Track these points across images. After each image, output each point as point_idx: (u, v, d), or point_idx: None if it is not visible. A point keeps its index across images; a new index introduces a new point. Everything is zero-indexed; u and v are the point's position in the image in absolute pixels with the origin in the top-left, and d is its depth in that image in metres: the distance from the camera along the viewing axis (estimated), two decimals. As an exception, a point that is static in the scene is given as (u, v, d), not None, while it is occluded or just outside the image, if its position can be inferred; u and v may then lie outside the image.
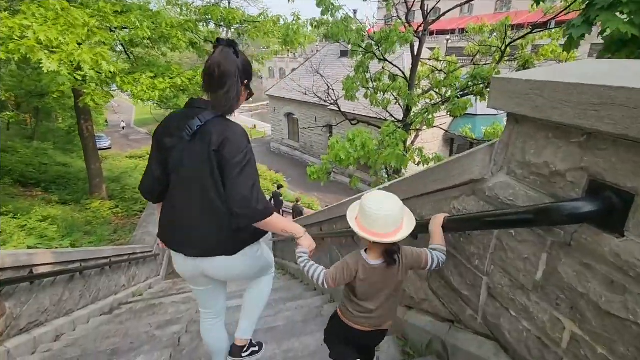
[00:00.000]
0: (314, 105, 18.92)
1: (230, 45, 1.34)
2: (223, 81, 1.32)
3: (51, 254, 3.29)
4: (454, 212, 1.35)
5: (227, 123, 1.36)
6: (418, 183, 1.55)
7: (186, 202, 1.40)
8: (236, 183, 1.28)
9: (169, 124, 1.41)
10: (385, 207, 1.18)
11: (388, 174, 5.97)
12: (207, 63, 1.34)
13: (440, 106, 5.67)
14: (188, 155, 1.35)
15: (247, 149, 1.33)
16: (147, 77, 7.02)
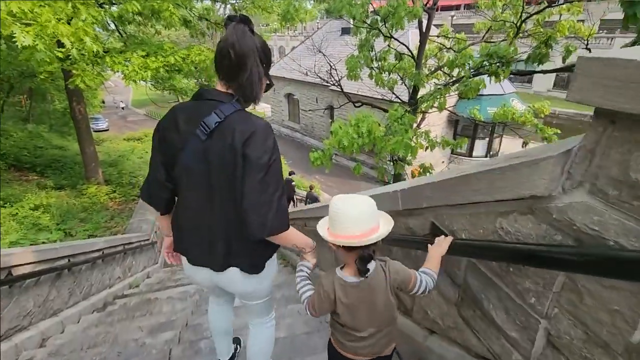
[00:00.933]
0: (315, 85, 18.38)
1: (244, 22, 1.12)
2: (243, 63, 1.12)
3: (33, 252, 3.04)
4: (500, 233, 1.06)
5: (251, 117, 1.15)
6: (448, 190, 1.26)
7: (206, 209, 1.21)
8: (257, 188, 1.08)
9: (175, 119, 1.18)
10: (354, 205, 1.05)
11: (393, 161, 5.66)
12: (219, 45, 1.13)
13: (450, 87, 5.30)
14: (204, 156, 1.14)
15: (274, 148, 1.14)
16: (139, 56, 6.62)
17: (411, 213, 1.60)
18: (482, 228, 1.14)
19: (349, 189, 15.55)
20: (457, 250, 1.19)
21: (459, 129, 16.60)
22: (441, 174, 1.48)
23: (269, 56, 1.23)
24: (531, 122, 7.46)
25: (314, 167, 5.47)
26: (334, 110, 17.63)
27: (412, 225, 1.61)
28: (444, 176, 1.34)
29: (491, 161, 1.16)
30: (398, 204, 1.64)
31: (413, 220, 1.60)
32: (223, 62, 1.14)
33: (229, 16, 1.15)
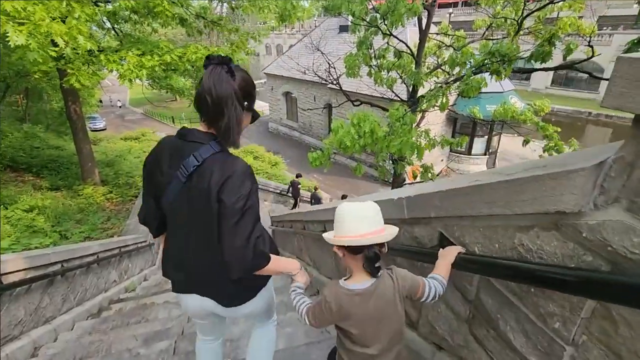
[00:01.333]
0: (313, 83, 18.26)
1: (222, 63, 1.13)
2: (220, 109, 1.13)
3: (23, 259, 2.94)
4: (519, 250, 0.97)
5: (228, 160, 1.16)
6: (459, 200, 1.17)
7: (190, 245, 1.26)
8: (231, 232, 1.10)
9: (159, 158, 1.23)
10: (359, 207, 1.07)
11: (394, 161, 5.57)
12: (197, 90, 1.16)
13: (451, 86, 5.20)
14: (184, 197, 1.19)
15: (250, 192, 1.13)
16: (134, 54, 6.50)
17: (417, 222, 1.51)
18: (498, 243, 1.05)
19: (349, 187, 15.46)
20: (469, 267, 1.10)
21: (458, 126, 16.54)
22: (451, 181, 1.39)
23: (251, 92, 1.24)
24: (532, 121, 7.38)
25: (313, 167, 5.37)
26: (332, 109, 17.52)
27: (419, 234, 1.52)
28: (454, 184, 1.25)
29: (507, 169, 1.07)
30: (403, 212, 1.55)
31: (419, 229, 1.51)
32: (202, 108, 1.16)
33: (208, 56, 1.15)
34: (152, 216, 1.31)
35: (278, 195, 10.66)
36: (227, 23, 8.93)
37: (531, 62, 4.73)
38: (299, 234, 4.25)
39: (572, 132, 20.23)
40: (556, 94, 27.40)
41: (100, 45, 7.90)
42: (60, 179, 10.46)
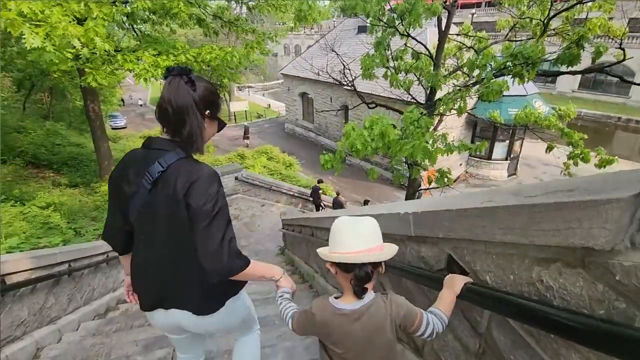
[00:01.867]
0: (330, 84, 18.15)
1: (181, 74, 1.15)
2: (181, 119, 1.15)
3: (29, 259, 2.94)
4: (538, 287, 0.83)
5: (193, 165, 1.16)
6: (470, 222, 1.03)
7: (156, 257, 1.23)
8: (204, 236, 1.09)
9: (126, 167, 1.22)
10: (355, 222, 1.02)
11: (409, 165, 5.39)
12: (158, 102, 1.18)
13: (470, 89, 4.99)
14: (151, 206, 1.17)
15: (217, 194, 1.13)
16: (150, 54, 6.56)
17: (424, 240, 1.38)
18: (514, 274, 0.91)
19: (363, 190, 15.28)
20: (477, 300, 0.96)
21: (478, 130, 16.10)
22: (462, 198, 1.25)
23: (214, 100, 1.24)
24: (556, 126, 7.05)
25: (324, 170, 5.26)
26: (349, 111, 17.37)
27: (425, 254, 1.38)
28: (465, 202, 1.11)
29: (526, 189, 0.93)
30: (409, 229, 1.42)
31: (426, 249, 1.37)
32: (163, 119, 1.17)
33: (168, 67, 1.17)
34: (118, 231, 1.29)
35: (291, 197, 10.60)
36: (243, 24, 8.94)
37: (557, 65, 4.48)
38: (307, 239, 4.15)
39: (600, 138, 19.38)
40: (583, 97, 26.42)
41: (119, 45, 8.04)
42: (79, 176, 10.72)
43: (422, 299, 1.48)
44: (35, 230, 5.74)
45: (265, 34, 8.96)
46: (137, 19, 8.97)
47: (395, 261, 1.56)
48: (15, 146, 11.18)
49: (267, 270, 1.30)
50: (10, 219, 5.66)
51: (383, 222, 1.71)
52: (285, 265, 5.87)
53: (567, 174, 7.38)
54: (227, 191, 9.58)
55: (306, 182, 12.59)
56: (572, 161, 7.14)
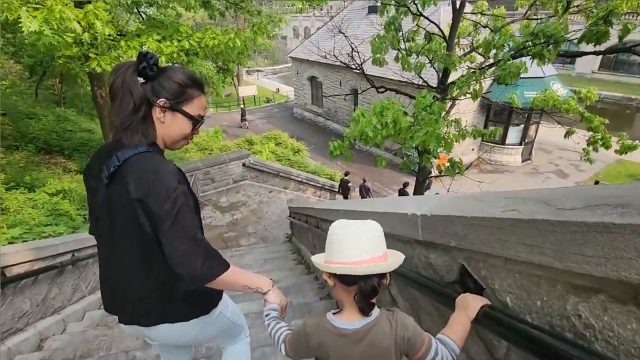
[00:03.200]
0: (339, 68, 17.72)
1: (141, 61, 1.04)
2: (113, 95, 1.06)
3: (29, 251, 2.90)
4: (573, 321, 0.68)
5: (148, 161, 1.04)
6: (488, 233, 0.88)
7: (114, 258, 1.13)
8: (170, 238, 0.97)
9: (93, 161, 1.15)
10: (355, 227, 0.88)
11: (419, 153, 5.18)
12: None
13: (485, 71, 4.71)
14: (107, 203, 1.07)
15: (176, 192, 0.99)
16: (154, 40, 6.39)
17: (434, 246, 1.23)
18: (541, 300, 0.76)
19: (372, 176, 15.07)
20: (496, 330, 0.82)
21: (492, 114, 15.60)
22: (478, 200, 1.09)
23: (176, 89, 1.09)
24: (575, 110, 6.70)
25: (333, 157, 5.11)
26: (358, 95, 16.99)
27: (435, 262, 1.24)
28: (482, 207, 0.95)
29: (559, 196, 0.77)
30: (417, 232, 1.28)
31: (436, 256, 1.23)
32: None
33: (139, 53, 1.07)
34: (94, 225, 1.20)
35: (299, 183, 10.48)
36: (249, 5, 8.65)
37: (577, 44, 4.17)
38: (312, 230, 4.04)
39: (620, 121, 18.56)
40: (604, 78, 25.36)
41: (125, 29, 7.88)
42: (90, 162, 10.80)
43: (429, 307, 1.35)
44: (44, 217, 5.77)
45: (270, 16, 8.67)
46: (142, 2, 8.79)
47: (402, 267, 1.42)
48: (28, 132, 11.27)
49: (252, 280, 1.14)
50: (19, 207, 5.68)
51: (389, 221, 1.57)
52: (292, 254, 5.80)
53: (587, 160, 7.08)
54: (235, 177, 9.52)
55: (314, 168, 12.43)
56: (592, 147, 6.83)
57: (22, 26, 3.85)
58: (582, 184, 13.96)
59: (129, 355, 2.35)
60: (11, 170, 8.32)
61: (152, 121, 1.09)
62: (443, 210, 1.15)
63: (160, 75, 1.08)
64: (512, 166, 15.34)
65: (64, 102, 18.42)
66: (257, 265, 5.19)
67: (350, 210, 2.25)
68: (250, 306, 3.17)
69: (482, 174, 13.98)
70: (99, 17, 4.87)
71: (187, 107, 1.12)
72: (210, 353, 2.29)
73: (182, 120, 1.13)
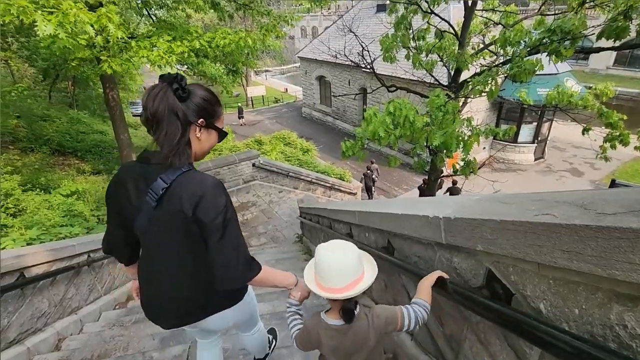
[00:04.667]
0: (348, 67, 17.69)
1: (171, 82, 1.11)
2: (154, 126, 1.11)
3: (47, 252, 2.94)
4: (618, 331, 0.65)
5: (196, 179, 1.13)
6: (521, 238, 0.85)
7: (163, 272, 1.24)
8: (218, 248, 1.11)
9: (123, 184, 1.19)
10: (337, 257, 1.08)
11: (432, 153, 5.12)
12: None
13: (499, 69, 4.62)
14: (157, 223, 1.15)
15: (225, 206, 1.12)
16: (165, 41, 6.45)
17: (458, 250, 1.20)
18: (580, 308, 0.73)
19: (382, 175, 14.99)
20: (527, 335, 0.79)
21: (504, 112, 15.38)
22: (504, 203, 1.06)
23: (211, 108, 1.20)
24: (593, 107, 6.55)
25: (344, 158, 5.09)
26: (367, 94, 16.91)
27: (459, 266, 1.21)
28: (513, 211, 0.92)
29: (598, 199, 0.74)
30: (440, 235, 1.25)
31: (461, 260, 1.20)
32: (145, 124, 1.15)
33: (160, 75, 1.14)
34: (121, 246, 1.33)
35: (309, 183, 10.47)
36: (258, 6, 8.68)
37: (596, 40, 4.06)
38: (324, 231, 4.02)
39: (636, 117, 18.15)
40: (619, 74, 24.81)
41: (136, 32, 7.97)
42: (102, 163, 10.95)
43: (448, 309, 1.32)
44: (60, 218, 5.86)
45: (280, 16, 8.68)
46: (152, 4, 8.87)
47: (422, 270, 1.40)
48: (42, 134, 11.48)
49: (281, 279, 1.33)
50: (35, 208, 5.79)
51: (407, 223, 1.54)
52: (303, 254, 5.80)
53: (603, 158, 6.91)
54: (245, 178, 9.56)
55: (324, 168, 12.40)
56: (610, 144, 6.67)
57: (38, 30, 3.91)
58: (597, 182, 13.67)
59: (146, 356, 2.36)
60: (26, 172, 8.48)
61: (189, 140, 1.17)
62: (467, 213, 1.12)
63: (194, 96, 1.15)
64: (525, 165, 15.10)
65: (76, 104, 18.73)
66: (268, 266, 5.18)
67: (365, 212, 2.22)
68: (264, 307, 3.17)
69: (495, 172, 13.78)
70: (112, 20, 4.93)
71: (218, 122, 1.25)
72: (227, 355, 2.29)
73: (213, 135, 1.25)
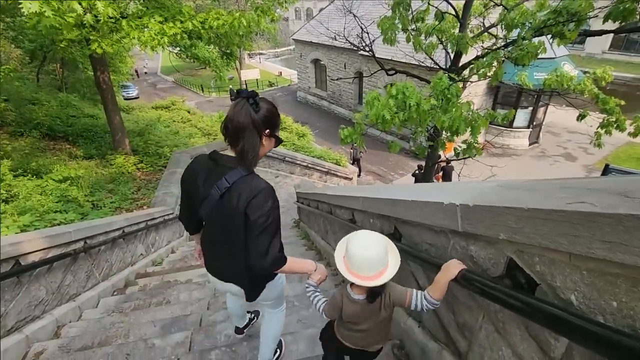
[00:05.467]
0: (344, 50, 17.39)
1: (248, 97, 1.35)
2: (237, 136, 1.36)
3: (43, 239, 2.87)
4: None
5: (252, 183, 1.38)
6: (552, 227, 0.81)
7: (220, 248, 1.57)
8: (255, 241, 1.37)
9: (195, 176, 1.48)
10: (368, 249, 1.23)
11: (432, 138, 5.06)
12: (225, 118, 1.40)
13: (501, 51, 4.53)
14: (218, 212, 1.45)
15: (270, 210, 1.37)
16: (156, 22, 6.22)
17: (476, 238, 1.17)
18: (619, 301, 0.70)
19: (378, 160, 14.97)
20: (554, 326, 0.76)
21: (500, 96, 15.32)
22: (532, 188, 1.02)
23: (274, 121, 1.44)
24: (591, 92, 6.52)
25: (343, 144, 5.02)
26: (363, 78, 16.69)
27: (476, 254, 1.18)
28: (541, 201, 0.88)
29: (634, 184, 0.70)
30: (456, 222, 1.21)
31: (478, 248, 1.17)
32: (225, 133, 1.39)
33: (238, 90, 1.38)
34: (190, 220, 1.66)
35: (305, 168, 10.41)
36: (252, -16, 8.38)
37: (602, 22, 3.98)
38: (324, 217, 3.99)
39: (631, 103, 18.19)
40: (615, 59, 24.76)
41: (126, 11, 7.67)
42: (94, 147, 10.71)
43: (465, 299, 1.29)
44: (53, 204, 5.75)
45: (277, 0, 8.40)
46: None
47: (435, 258, 1.37)
48: (32, 118, 11.16)
49: (302, 267, 1.57)
50: (27, 194, 5.66)
51: (418, 210, 1.51)
52: (301, 239, 5.79)
53: (597, 145, 6.93)
54: (241, 163, 9.45)
55: (320, 153, 12.33)
56: (605, 130, 6.68)
57: (22, 7, 3.72)
58: (590, 167, 13.80)
59: (148, 343, 2.34)
60: (17, 157, 8.28)
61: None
62: (486, 200, 1.08)
63: (262, 109, 1.36)
64: (520, 149, 15.17)
65: (65, 87, 18.22)
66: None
67: (371, 198, 2.18)
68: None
69: (490, 157, 13.82)
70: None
71: (277, 132, 1.48)
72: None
73: (273, 142, 1.49)
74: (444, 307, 1.48)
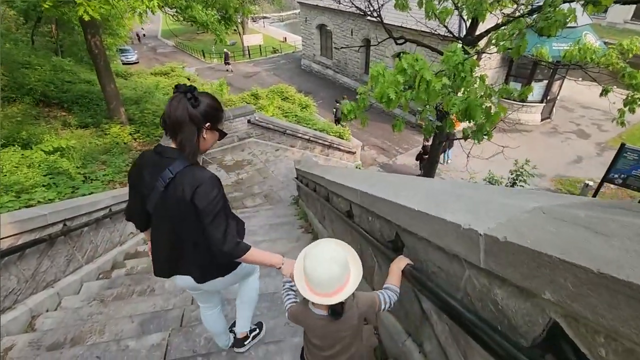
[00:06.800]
0: (351, 15, 16.44)
1: (185, 92, 1.36)
2: (175, 130, 1.39)
3: (12, 225, 2.63)
4: None
5: (196, 173, 1.40)
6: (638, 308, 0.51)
7: (168, 241, 1.53)
8: (210, 229, 1.39)
9: (141, 170, 1.48)
10: (325, 268, 1.15)
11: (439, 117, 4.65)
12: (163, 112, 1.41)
13: (523, 20, 4.03)
14: (162, 204, 1.45)
15: (216, 197, 1.40)
16: (145, -19, 5.69)
17: (504, 280, 0.87)
18: None
19: (381, 133, 14.50)
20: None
21: (513, 69, 14.52)
22: (599, 230, 0.71)
23: (215, 114, 1.45)
24: (617, 65, 5.98)
25: (346, 120, 4.63)
26: (371, 47, 15.84)
27: (503, 302, 0.89)
28: (625, 257, 0.58)
29: None
30: (477, 256, 0.91)
31: (505, 294, 0.87)
32: (164, 127, 1.42)
33: (176, 85, 1.40)
34: (138, 215, 1.56)
35: (307, 141, 10.02)
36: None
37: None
38: (322, 203, 3.71)
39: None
40: (637, 29, 23.33)
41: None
42: (90, 116, 10.35)
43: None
44: (41, 177, 5.50)
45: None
46: None
47: (442, 293, 1.08)
48: (25, 83, 10.71)
49: (266, 259, 1.52)
50: (13, 167, 5.40)
51: (425, 224, 1.21)
52: (299, 219, 5.56)
53: (620, 123, 6.47)
54: (240, 135, 9.12)
55: (322, 126, 11.87)
56: (629, 107, 6.20)
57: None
58: (603, 145, 13.27)
59: (121, 345, 2.14)
60: (8, 124, 7.96)
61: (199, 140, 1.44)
62: (527, 235, 0.77)
63: (202, 104, 1.39)
64: (531, 125, 14.58)
65: (61, 50, 17.51)
66: (262, 232, 4.96)
67: (369, 194, 1.88)
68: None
69: (498, 133, 13.30)
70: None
71: (220, 125, 1.50)
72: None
73: (216, 135, 1.51)
74: (455, 352, 1.21)
